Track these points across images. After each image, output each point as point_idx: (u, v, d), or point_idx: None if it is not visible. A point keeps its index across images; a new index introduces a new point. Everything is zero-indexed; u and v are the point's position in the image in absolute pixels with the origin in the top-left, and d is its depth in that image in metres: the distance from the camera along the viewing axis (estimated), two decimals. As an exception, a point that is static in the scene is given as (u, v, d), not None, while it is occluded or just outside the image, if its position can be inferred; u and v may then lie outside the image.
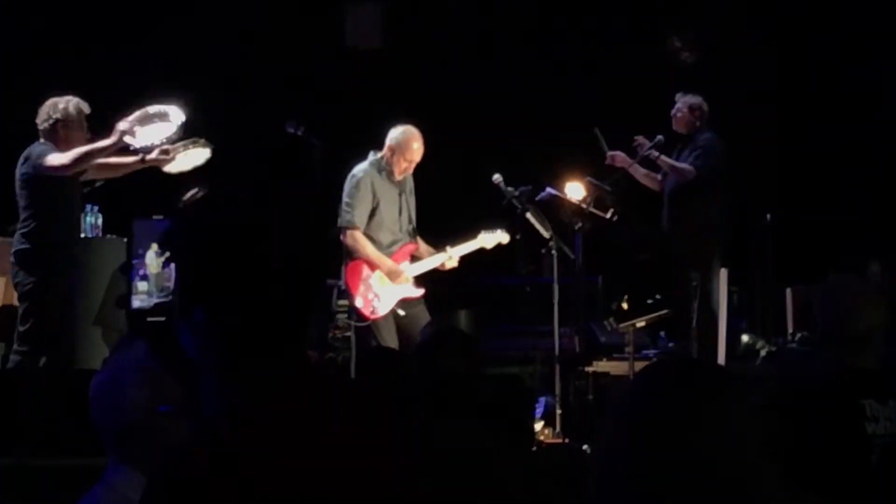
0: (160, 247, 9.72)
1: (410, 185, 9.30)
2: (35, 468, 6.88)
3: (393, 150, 9.12)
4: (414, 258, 9.28)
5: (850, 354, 4.58)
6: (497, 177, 9.49)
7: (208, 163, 8.85)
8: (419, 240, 9.39)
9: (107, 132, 8.45)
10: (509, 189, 9.48)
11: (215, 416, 2.16)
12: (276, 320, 2.18)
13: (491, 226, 9.55)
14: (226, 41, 13.12)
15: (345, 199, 9.04)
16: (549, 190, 9.99)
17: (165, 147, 8.58)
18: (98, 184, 9.31)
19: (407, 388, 4.25)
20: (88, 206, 9.58)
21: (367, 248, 9.01)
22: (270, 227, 2.20)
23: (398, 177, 9.16)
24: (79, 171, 8.50)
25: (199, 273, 2.19)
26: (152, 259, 10.01)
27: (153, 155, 8.59)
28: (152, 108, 8.57)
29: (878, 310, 4.63)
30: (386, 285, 9.09)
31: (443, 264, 9.35)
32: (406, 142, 9.13)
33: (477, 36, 13.60)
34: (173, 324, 2.24)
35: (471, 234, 9.52)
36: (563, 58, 13.37)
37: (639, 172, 10.74)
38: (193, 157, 8.81)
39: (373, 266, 9.04)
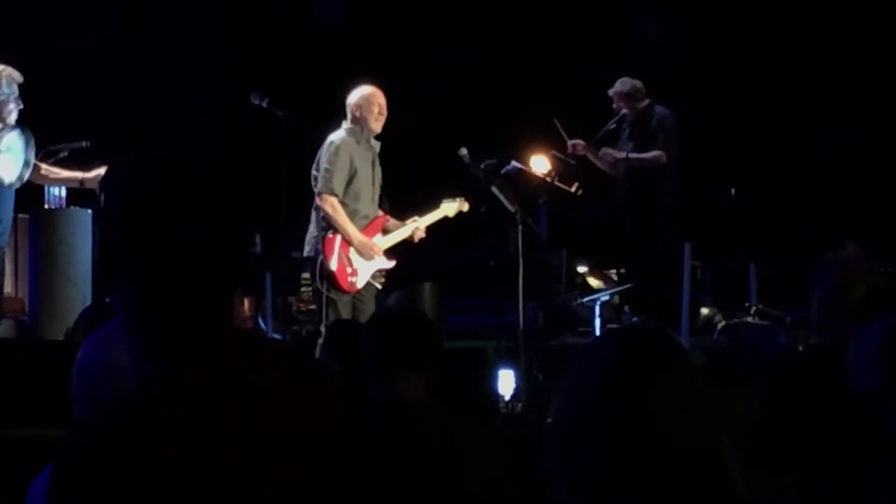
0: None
1: (377, 153, 9.31)
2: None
3: (360, 106, 9.15)
4: (384, 230, 9.32)
5: (847, 326, 4.60)
6: (463, 150, 9.49)
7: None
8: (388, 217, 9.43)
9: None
10: (474, 163, 9.48)
11: (137, 382, 2.17)
12: (193, 286, 2.18)
13: (451, 195, 9.58)
14: (193, 12, 13.07)
15: (324, 164, 9.03)
16: (514, 164, 10.01)
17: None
18: (62, 155, 9.29)
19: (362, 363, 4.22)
20: (52, 177, 9.54)
21: (343, 218, 9.03)
22: (186, 191, 2.19)
23: (377, 128, 9.16)
24: None
25: (113, 239, 2.19)
26: None
27: (93, 174, 8.86)
28: None
29: (878, 280, 4.69)
30: (361, 258, 9.12)
31: (412, 235, 9.39)
32: (369, 94, 9.20)
33: (442, 8, 13.58)
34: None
35: (433, 204, 9.56)
36: (531, 31, 13.36)
37: (599, 160, 10.75)
38: None
39: (347, 237, 9.06)
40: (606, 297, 10.51)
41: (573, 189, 10.16)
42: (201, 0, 13.26)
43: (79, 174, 8.96)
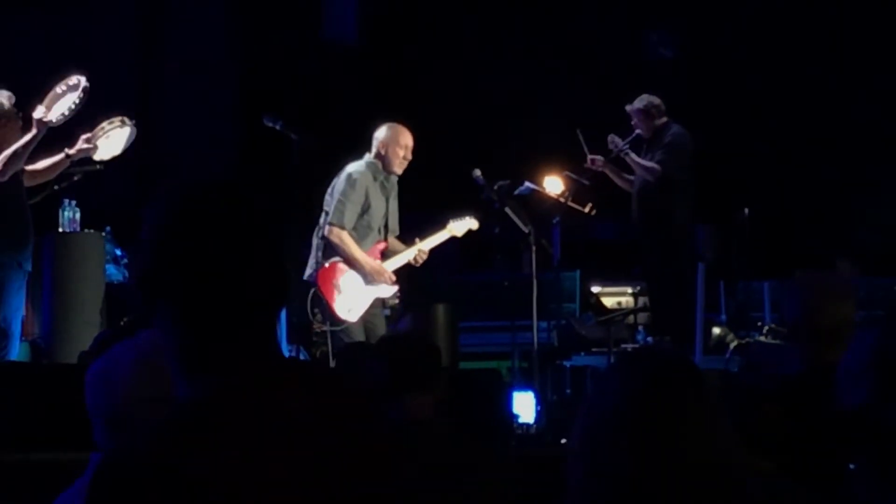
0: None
1: (395, 188, 9.18)
2: (10, 464, 6.85)
3: (387, 145, 8.98)
4: (384, 255, 9.20)
5: (821, 349, 4.59)
6: (476, 172, 9.47)
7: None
8: (390, 237, 9.28)
9: (27, 127, 8.29)
10: (488, 184, 9.47)
11: (176, 405, 2.17)
12: (236, 311, 2.18)
13: (458, 214, 9.50)
14: (206, 34, 13.11)
15: (338, 196, 8.90)
16: (527, 184, 10.02)
17: (87, 136, 8.44)
18: (76, 178, 9.29)
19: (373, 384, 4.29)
20: (66, 201, 9.56)
21: (352, 247, 8.89)
22: (221, 218, 2.20)
23: (398, 171, 9.04)
24: (16, 174, 8.36)
25: (155, 265, 2.19)
26: None
27: (77, 147, 8.43)
28: (59, 87, 8.42)
29: (847, 304, 4.64)
30: (359, 288, 8.99)
31: (415, 258, 9.22)
32: (396, 133, 9.01)
33: (454, 30, 13.60)
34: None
35: (439, 224, 9.45)
36: (543, 52, 13.38)
37: (616, 175, 10.68)
38: (117, 138, 8.63)
39: (351, 267, 8.95)
40: (620, 318, 10.49)
41: (587, 209, 10.15)
42: (214, 22, 13.30)
43: (61, 155, 8.61)
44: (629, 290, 11.49)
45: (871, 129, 12.82)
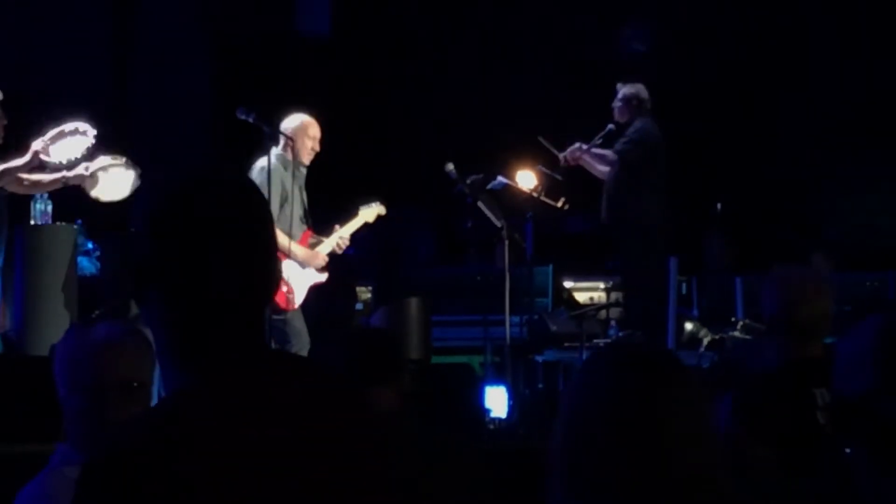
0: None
1: (303, 178, 9.26)
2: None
3: (296, 136, 9.09)
4: (309, 246, 9.26)
5: (798, 343, 4.60)
6: (449, 166, 9.49)
7: None
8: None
9: (22, 150, 8.23)
10: (461, 178, 9.49)
11: (165, 396, 2.18)
12: (225, 303, 2.18)
13: (365, 201, 9.48)
14: (177, 25, 13.08)
15: None
16: (500, 179, 10.02)
17: (86, 164, 8.37)
18: (48, 170, 9.24)
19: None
20: (38, 194, 9.50)
21: (282, 237, 8.98)
22: (216, 208, 2.20)
23: (307, 162, 9.14)
24: None
25: (146, 255, 2.19)
26: None
27: (75, 173, 8.35)
28: (67, 126, 8.37)
29: (824, 299, 4.66)
30: (296, 275, 9.07)
31: (337, 245, 9.31)
32: (305, 124, 9.13)
33: (427, 22, 13.60)
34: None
35: (352, 213, 9.45)
36: (517, 44, 13.39)
37: (594, 167, 10.68)
38: (120, 179, 8.57)
39: (285, 256, 9.01)
40: (592, 312, 10.51)
41: (559, 204, 10.16)
42: (188, 13, 13.26)
43: (58, 175, 8.57)
44: (601, 285, 11.53)
45: (842, 125, 12.87)
